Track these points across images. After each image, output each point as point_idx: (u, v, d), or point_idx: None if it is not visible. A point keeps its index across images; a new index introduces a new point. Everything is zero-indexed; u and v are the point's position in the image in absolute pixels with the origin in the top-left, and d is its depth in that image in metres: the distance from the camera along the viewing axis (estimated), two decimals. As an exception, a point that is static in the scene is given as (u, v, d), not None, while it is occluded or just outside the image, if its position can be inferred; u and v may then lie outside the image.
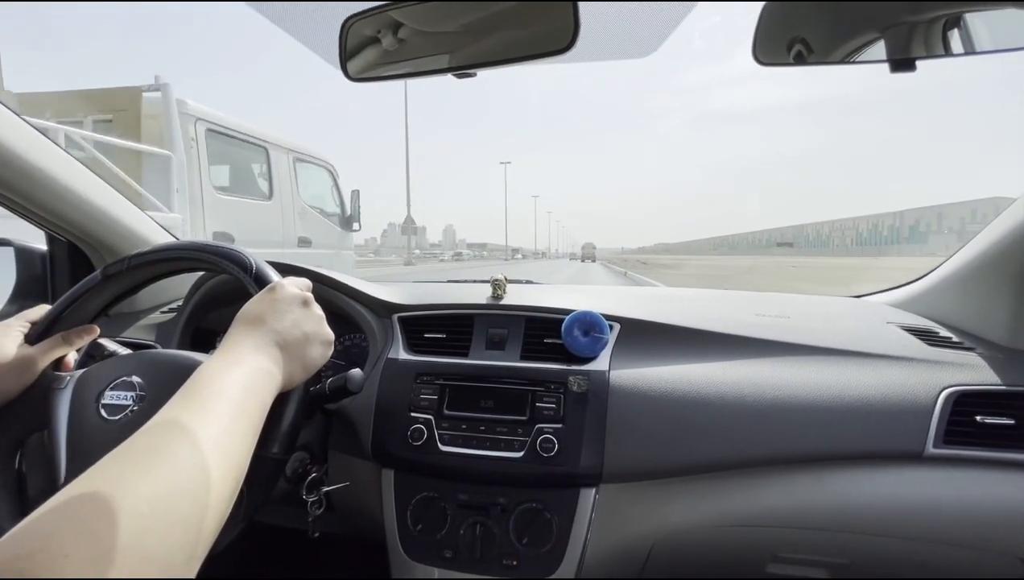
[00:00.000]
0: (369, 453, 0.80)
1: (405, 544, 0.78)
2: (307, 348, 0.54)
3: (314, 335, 0.56)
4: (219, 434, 0.39)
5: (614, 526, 0.75)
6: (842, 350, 0.80)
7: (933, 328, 0.89)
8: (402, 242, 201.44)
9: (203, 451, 0.37)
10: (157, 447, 0.36)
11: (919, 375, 0.74)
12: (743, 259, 79.59)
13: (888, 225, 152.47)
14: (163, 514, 0.32)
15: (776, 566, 0.77)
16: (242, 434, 0.42)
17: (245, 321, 0.53)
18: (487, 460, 0.75)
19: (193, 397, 0.41)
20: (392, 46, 0.74)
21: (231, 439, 0.40)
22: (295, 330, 0.54)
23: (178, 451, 0.36)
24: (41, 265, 1.04)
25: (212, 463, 0.37)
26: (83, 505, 0.30)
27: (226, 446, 0.39)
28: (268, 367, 0.49)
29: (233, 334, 0.51)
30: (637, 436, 0.74)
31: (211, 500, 0.36)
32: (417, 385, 0.81)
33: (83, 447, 0.57)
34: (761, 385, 0.75)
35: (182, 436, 0.37)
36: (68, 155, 0.90)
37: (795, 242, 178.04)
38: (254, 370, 0.47)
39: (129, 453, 0.35)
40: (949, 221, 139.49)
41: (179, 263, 0.69)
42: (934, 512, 0.69)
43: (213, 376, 0.44)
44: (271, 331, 0.52)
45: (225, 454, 0.39)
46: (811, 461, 0.71)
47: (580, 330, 0.81)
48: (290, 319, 0.54)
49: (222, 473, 0.37)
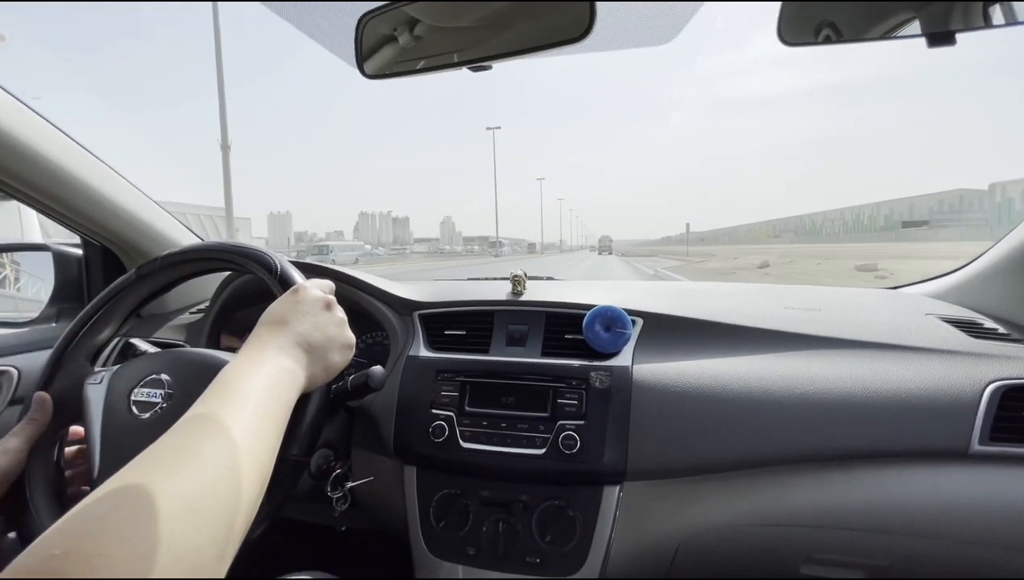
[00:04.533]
0: (391, 450, 0.80)
1: (428, 541, 0.78)
2: (329, 351, 0.55)
3: (336, 338, 0.56)
4: (245, 434, 0.39)
5: (639, 524, 0.74)
6: (878, 343, 0.77)
7: (977, 319, 0.85)
8: (380, 237, 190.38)
9: (232, 450, 0.37)
10: (186, 447, 0.36)
11: (962, 369, 0.70)
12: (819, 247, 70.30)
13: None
14: (194, 513, 0.32)
15: (810, 567, 0.74)
16: (267, 434, 0.42)
17: (269, 322, 0.53)
18: (509, 457, 0.75)
19: (219, 397, 0.42)
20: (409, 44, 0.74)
21: (257, 439, 0.40)
22: (317, 333, 0.54)
23: (207, 451, 0.36)
24: (77, 268, 1.08)
25: (241, 462, 0.37)
26: (116, 505, 0.31)
27: (252, 445, 0.39)
28: (291, 368, 0.49)
29: (257, 335, 0.52)
30: (662, 433, 0.72)
31: (241, 498, 0.36)
32: (438, 382, 0.81)
33: (115, 442, 0.58)
34: (790, 380, 0.72)
35: (210, 436, 0.38)
36: (99, 160, 0.93)
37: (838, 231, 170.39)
38: (278, 370, 0.48)
39: (160, 453, 0.36)
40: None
41: (207, 263, 0.70)
42: (979, 512, 0.66)
43: (238, 376, 0.44)
44: (294, 333, 0.52)
45: (252, 453, 0.39)
46: (846, 459, 0.69)
47: (602, 325, 0.80)
48: (313, 322, 0.54)
49: (250, 472, 0.38)
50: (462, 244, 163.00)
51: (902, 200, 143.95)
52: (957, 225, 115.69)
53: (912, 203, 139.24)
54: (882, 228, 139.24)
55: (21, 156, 0.80)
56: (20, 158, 0.80)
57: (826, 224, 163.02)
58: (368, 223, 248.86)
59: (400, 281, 1.01)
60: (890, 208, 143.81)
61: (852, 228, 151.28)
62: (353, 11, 0.67)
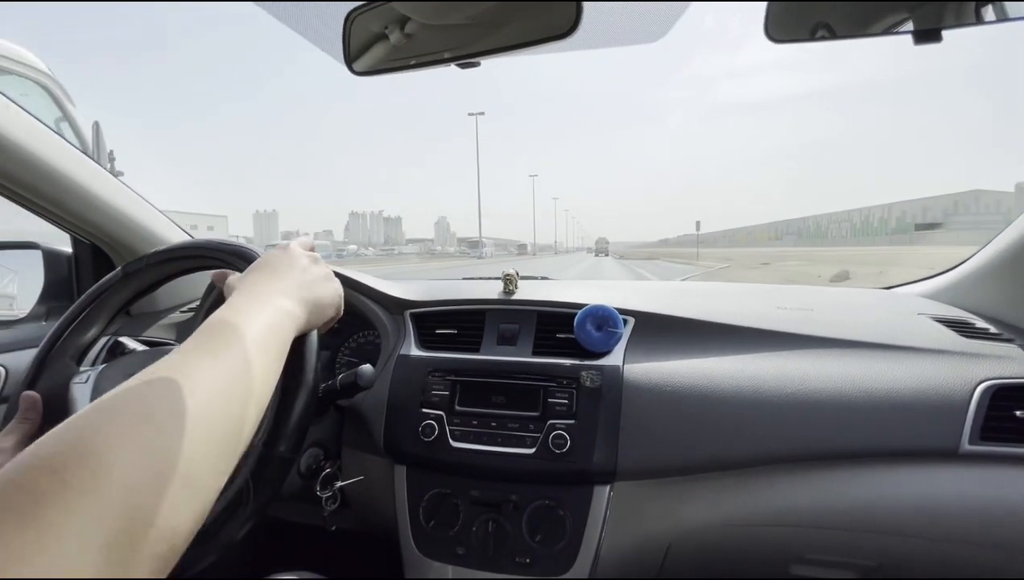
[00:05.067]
0: (381, 449, 0.79)
1: (418, 540, 0.78)
2: (321, 297, 0.55)
3: (326, 287, 0.57)
4: (240, 369, 0.39)
5: (630, 524, 0.74)
6: (870, 343, 0.77)
7: (968, 319, 0.85)
8: (371, 238, 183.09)
9: (247, 357, 0.38)
10: (210, 345, 0.38)
11: (953, 368, 0.70)
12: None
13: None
14: (222, 402, 0.35)
15: (800, 567, 0.74)
16: (265, 369, 0.41)
17: (260, 269, 0.53)
18: (499, 456, 0.74)
19: (212, 336, 0.40)
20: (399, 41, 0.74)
21: (256, 369, 0.40)
22: (309, 279, 0.54)
23: (232, 350, 0.38)
24: (67, 266, 1.07)
25: (255, 371, 0.38)
26: (119, 409, 0.30)
27: (251, 374, 0.39)
28: (290, 309, 0.49)
29: (251, 279, 0.51)
30: (652, 432, 0.72)
31: (250, 411, 0.37)
32: (429, 381, 0.81)
33: None
34: (782, 379, 0.72)
35: (230, 340, 0.39)
36: (89, 159, 0.93)
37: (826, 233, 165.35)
38: (277, 311, 0.47)
39: (162, 370, 0.35)
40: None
41: (195, 261, 0.70)
42: (970, 512, 0.65)
43: (236, 315, 0.43)
44: (287, 278, 0.52)
45: (258, 375, 0.39)
46: (837, 458, 0.68)
47: (593, 324, 0.80)
48: (302, 270, 0.55)
49: (259, 388, 0.39)
50: (456, 245, 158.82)
51: (915, 201, 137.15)
52: (973, 229, 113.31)
53: (925, 204, 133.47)
54: (894, 230, 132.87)
55: (9, 153, 0.80)
56: (8, 155, 0.80)
57: (832, 226, 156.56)
58: (359, 223, 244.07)
59: (391, 279, 1.01)
60: (902, 209, 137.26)
61: (860, 231, 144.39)
62: (342, 9, 0.67)
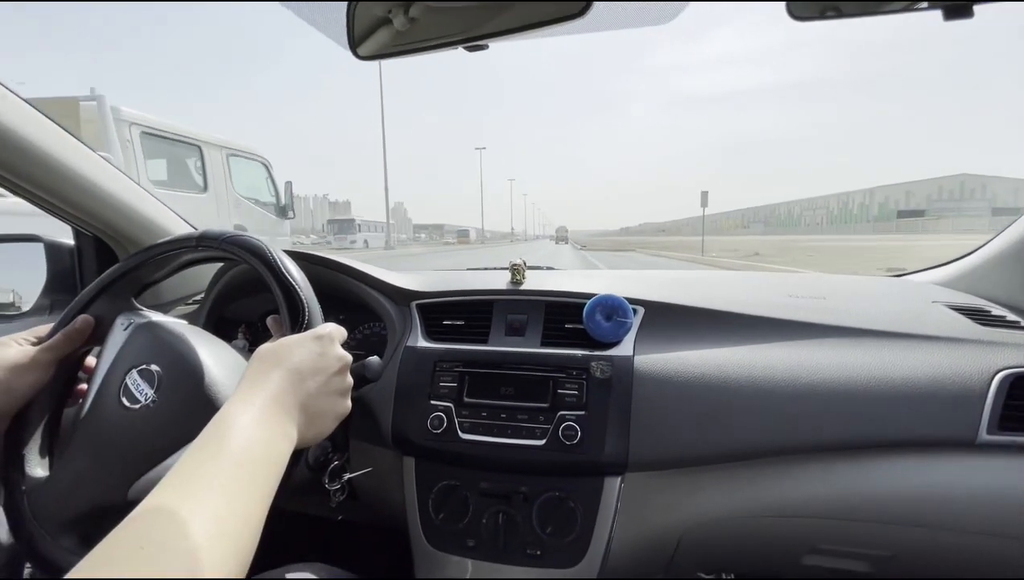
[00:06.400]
0: (390, 441, 0.79)
1: (427, 533, 0.78)
2: (327, 418, 0.51)
3: (337, 406, 0.53)
4: (225, 514, 0.36)
5: (641, 515, 0.73)
6: (884, 331, 0.75)
7: (985, 306, 0.83)
8: (315, 223, 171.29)
9: (202, 542, 0.33)
10: (149, 541, 0.33)
11: (970, 357, 0.69)
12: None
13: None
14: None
15: (813, 558, 0.74)
16: (251, 509, 0.39)
17: (280, 365, 0.48)
18: (508, 448, 0.74)
19: (205, 464, 0.39)
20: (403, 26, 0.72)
21: (239, 518, 0.37)
22: (324, 398, 0.50)
23: (174, 547, 0.33)
24: (70, 259, 1.06)
25: (215, 554, 0.34)
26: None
27: (232, 527, 0.36)
28: (289, 432, 0.46)
29: (263, 377, 0.47)
30: (664, 423, 0.71)
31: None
32: (436, 373, 0.80)
33: (97, 418, 0.57)
34: (795, 369, 0.71)
35: (178, 527, 0.34)
36: (90, 150, 0.91)
37: (768, 222, 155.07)
38: (275, 434, 0.44)
39: (117, 545, 0.32)
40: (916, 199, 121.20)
41: (226, 254, 0.67)
42: (986, 502, 0.65)
43: (233, 434, 0.41)
44: (303, 393, 0.48)
45: (230, 538, 0.36)
46: (851, 449, 0.67)
47: (602, 314, 0.78)
48: (325, 383, 0.51)
49: (225, 564, 0.34)
50: (412, 232, 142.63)
51: (898, 185, 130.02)
52: (956, 215, 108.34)
53: (909, 189, 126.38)
54: (876, 218, 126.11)
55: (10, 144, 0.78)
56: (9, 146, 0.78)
57: (806, 214, 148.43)
58: (300, 206, 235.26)
59: (397, 270, 1.00)
60: (885, 195, 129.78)
61: (838, 218, 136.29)
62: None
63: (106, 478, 0.53)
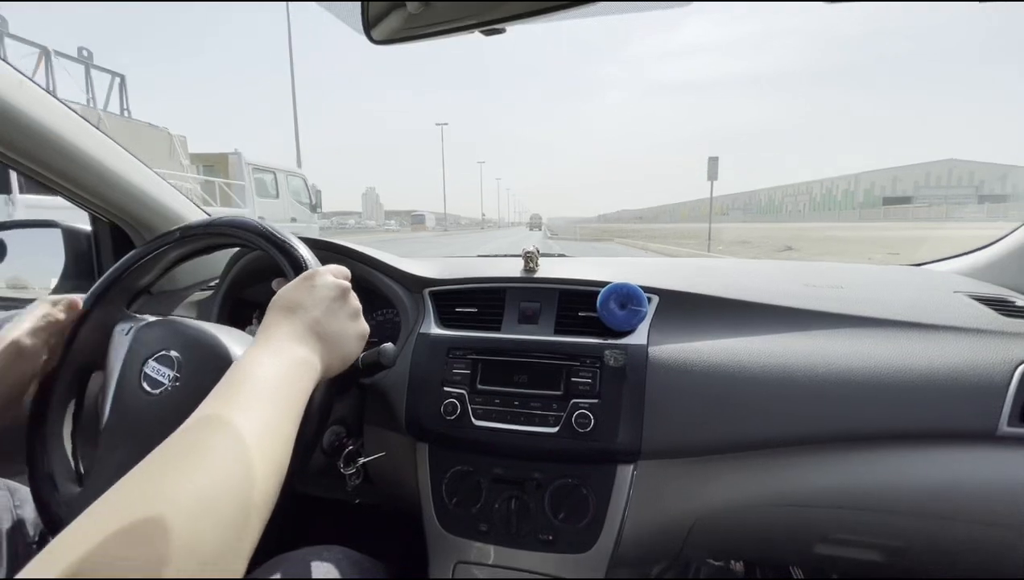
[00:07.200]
0: (403, 427, 0.80)
1: (441, 517, 0.79)
2: (343, 339, 0.53)
3: (351, 327, 0.54)
4: (260, 429, 0.38)
5: (653, 503, 0.73)
6: (903, 322, 0.74)
7: (1008, 297, 0.81)
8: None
9: (245, 447, 0.36)
10: (198, 445, 0.35)
11: (992, 348, 0.68)
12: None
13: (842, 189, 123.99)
14: (209, 512, 0.32)
15: (826, 547, 0.74)
16: (283, 427, 0.41)
17: (282, 308, 0.51)
18: (521, 435, 0.74)
19: (232, 391, 0.41)
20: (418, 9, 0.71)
21: (272, 434, 0.39)
22: (332, 321, 0.52)
23: (219, 448, 0.36)
24: (87, 244, 1.07)
25: (254, 459, 0.36)
26: (131, 507, 0.30)
27: (267, 442, 0.38)
28: (307, 357, 0.48)
29: (270, 322, 0.50)
30: (677, 412, 0.71)
31: (255, 497, 0.35)
32: (450, 360, 0.80)
33: (123, 410, 0.58)
34: (811, 359, 0.70)
35: (222, 433, 0.37)
36: (107, 138, 0.91)
37: (745, 208, 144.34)
38: (293, 361, 0.46)
39: (171, 451, 0.35)
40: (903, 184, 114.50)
41: (223, 238, 0.69)
42: (1005, 494, 0.64)
43: (253, 367, 0.43)
44: (309, 320, 0.50)
45: (267, 450, 0.38)
46: (869, 439, 0.67)
47: (616, 303, 0.78)
48: (327, 309, 0.52)
49: (264, 469, 0.37)
50: (382, 218, 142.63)
51: (884, 171, 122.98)
52: (942, 203, 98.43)
53: (895, 174, 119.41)
54: (861, 204, 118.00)
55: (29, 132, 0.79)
56: (28, 134, 0.79)
57: (787, 200, 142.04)
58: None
59: (410, 257, 1.00)
60: (871, 180, 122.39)
61: (821, 205, 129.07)
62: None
63: None
